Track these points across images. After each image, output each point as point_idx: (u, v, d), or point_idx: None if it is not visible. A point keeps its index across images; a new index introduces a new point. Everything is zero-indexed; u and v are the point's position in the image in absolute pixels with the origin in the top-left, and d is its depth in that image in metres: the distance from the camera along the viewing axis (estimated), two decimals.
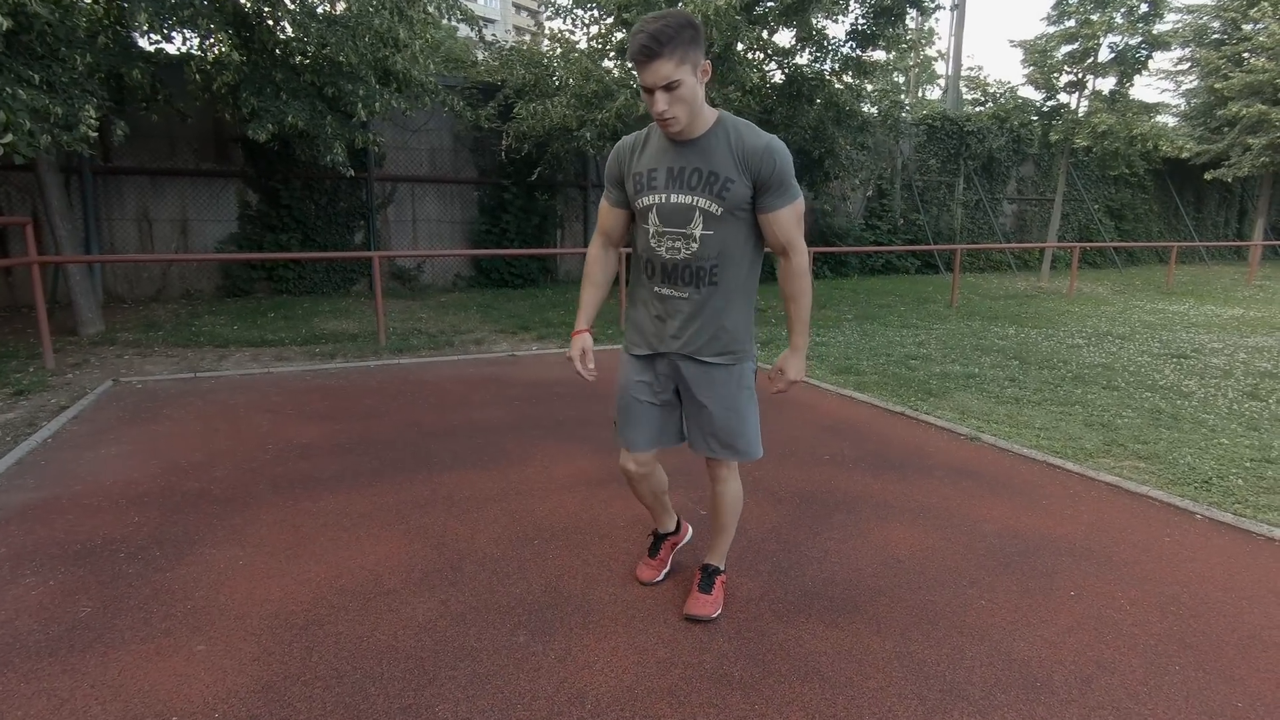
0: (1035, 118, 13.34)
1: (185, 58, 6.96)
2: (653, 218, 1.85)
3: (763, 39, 8.02)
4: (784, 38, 8.52)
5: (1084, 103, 12.60)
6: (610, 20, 8.19)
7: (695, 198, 1.79)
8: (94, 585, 2.27)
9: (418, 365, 5.73)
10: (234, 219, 9.21)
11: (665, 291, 1.91)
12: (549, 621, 2.11)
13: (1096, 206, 17.06)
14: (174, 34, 6.18)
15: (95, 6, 6.45)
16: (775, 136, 1.80)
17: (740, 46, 7.79)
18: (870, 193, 14.17)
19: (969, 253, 14.92)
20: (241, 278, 9.19)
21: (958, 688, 1.84)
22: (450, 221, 10.60)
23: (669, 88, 1.65)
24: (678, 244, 1.84)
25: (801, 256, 1.88)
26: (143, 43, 6.71)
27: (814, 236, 13.47)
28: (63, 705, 1.72)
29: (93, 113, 5.16)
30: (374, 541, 2.60)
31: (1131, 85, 12.39)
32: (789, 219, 1.83)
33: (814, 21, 7.85)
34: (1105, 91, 12.47)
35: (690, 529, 2.56)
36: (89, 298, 6.70)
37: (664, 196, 1.82)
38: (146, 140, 8.53)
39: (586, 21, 8.55)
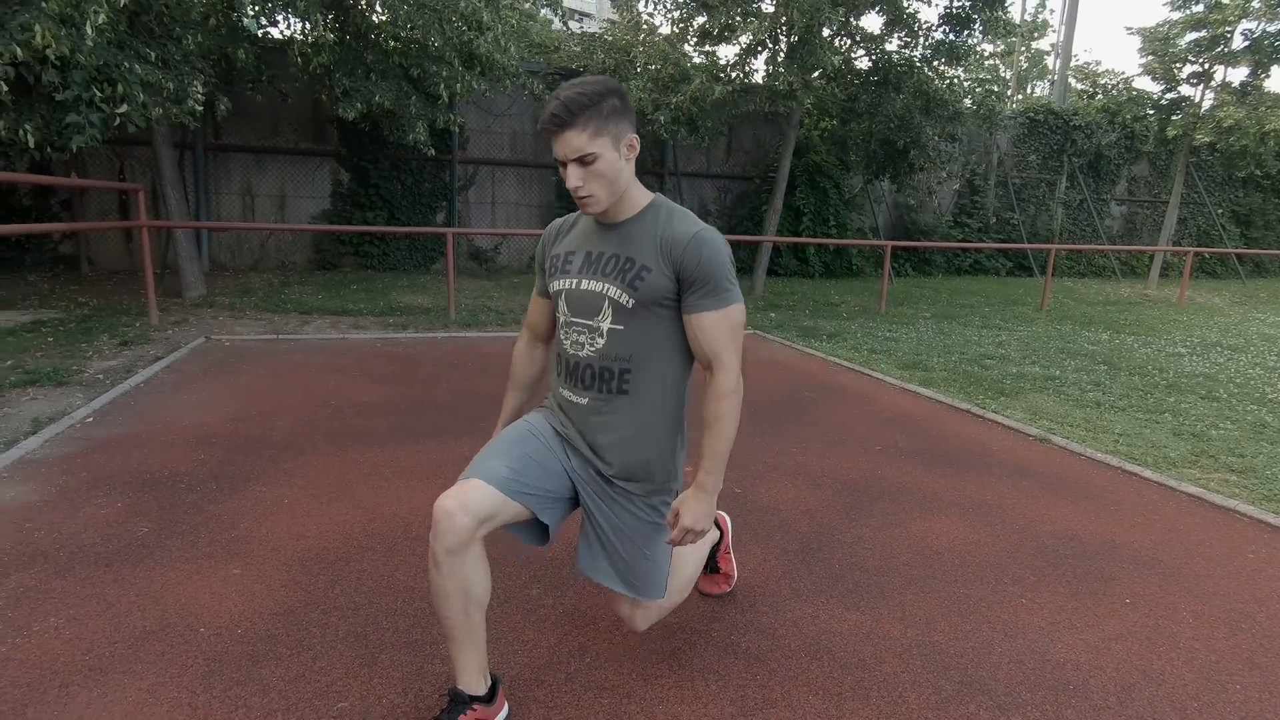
0: (1151, 111, 12.32)
1: (288, 41, 7.39)
2: (562, 305, 1.58)
3: (848, 22, 7.75)
4: (872, 22, 8.22)
5: (1209, 95, 11.54)
6: (692, 4, 8.11)
7: (607, 285, 1.51)
8: (155, 510, 2.44)
9: (483, 339, 5.88)
10: (327, 196, 9.72)
11: (564, 393, 1.60)
12: (564, 579, 2.12)
13: (1220, 211, 15.63)
14: (277, 16, 6.56)
15: None
16: (711, 228, 1.49)
17: (825, 31, 7.56)
18: (960, 187, 13.49)
19: (1068, 256, 14.00)
20: (330, 252, 9.70)
21: (979, 681, 1.73)
22: (528, 205, 10.82)
23: (582, 161, 1.41)
24: (582, 337, 1.55)
25: (729, 375, 1.49)
26: (248, 24, 7.16)
27: (896, 231, 12.97)
28: (109, 609, 1.86)
29: (200, 88, 5.55)
30: (410, 492, 2.69)
31: (1268, 76, 11.26)
32: (718, 327, 1.47)
33: (904, 4, 7.51)
34: (1235, 83, 11.38)
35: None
36: (193, 264, 7.24)
37: (575, 282, 1.55)
38: (251, 119, 9.12)
39: (669, 7, 8.52)
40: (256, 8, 6.23)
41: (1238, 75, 11.51)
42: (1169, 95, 11.94)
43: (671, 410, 1.58)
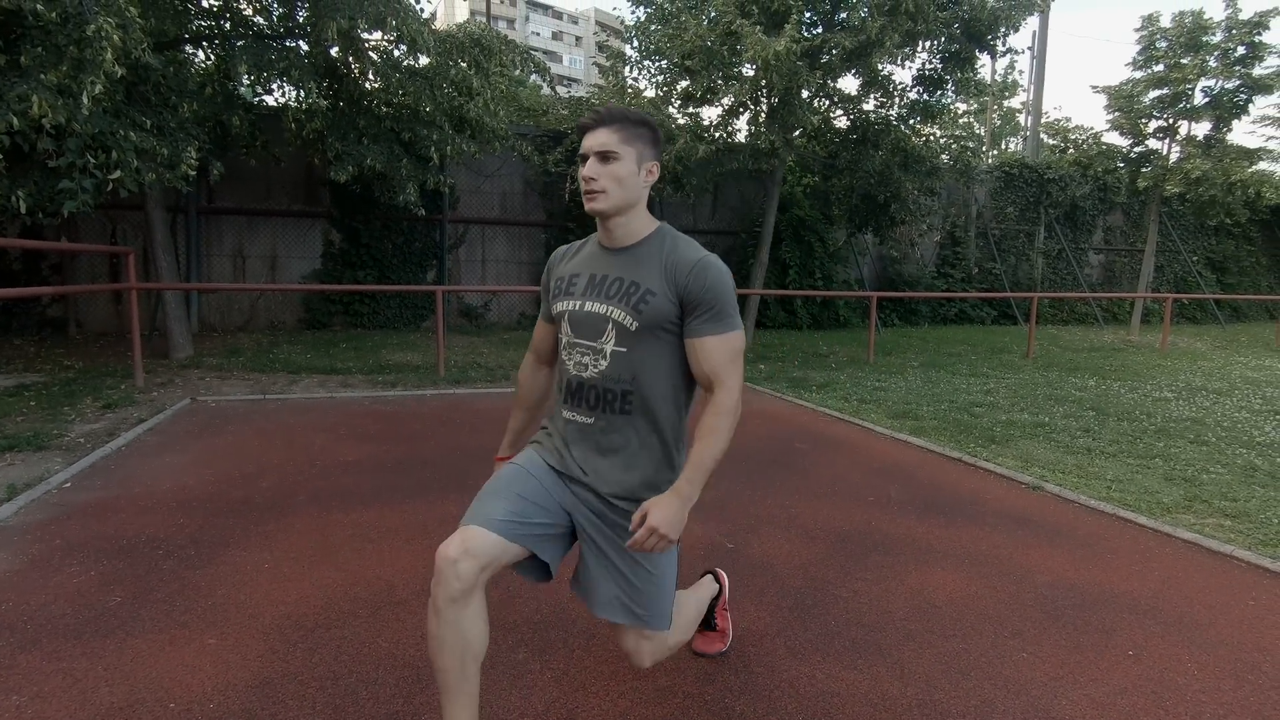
0: (1121, 164, 12.75)
1: (282, 108, 7.59)
2: (565, 326, 1.60)
3: (826, 85, 8.05)
4: (849, 84, 8.56)
5: (1175, 149, 11.98)
6: (675, 69, 8.42)
7: (610, 308, 1.53)
8: (129, 578, 2.37)
9: (471, 395, 5.86)
10: (318, 256, 9.81)
11: (567, 414, 1.61)
12: (551, 641, 2.05)
13: (1195, 258, 16.03)
14: (272, 85, 6.74)
15: (206, 62, 7.16)
16: (715, 256, 1.54)
17: (804, 93, 7.85)
18: (941, 239, 13.79)
19: (1051, 304, 14.23)
20: (320, 311, 9.72)
21: None
22: (518, 262, 10.95)
23: (604, 156, 1.48)
24: (585, 359, 1.57)
25: (731, 396, 1.50)
26: (245, 94, 7.35)
27: (881, 283, 13.17)
28: (74, 684, 1.78)
29: (193, 154, 5.66)
30: (395, 554, 2.62)
31: (1229, 130, 11.71)
32: (719, 352, 1.50)
33: (879, 66, 7.83)
34: (1200, 136, 11.83)
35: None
36: (182, 325, 7.23)
37: (579, 304, 1.58)
38: (245, 182, 9.26)
39: (653, 72, 8.84)
40: (252, 77, 6.41)
41: (1201, 129, 11.92)
42: (1137, 149, 12.37)
43: (671, 432, 1.59)
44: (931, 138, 9.68)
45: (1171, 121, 11.80)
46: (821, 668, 1.96)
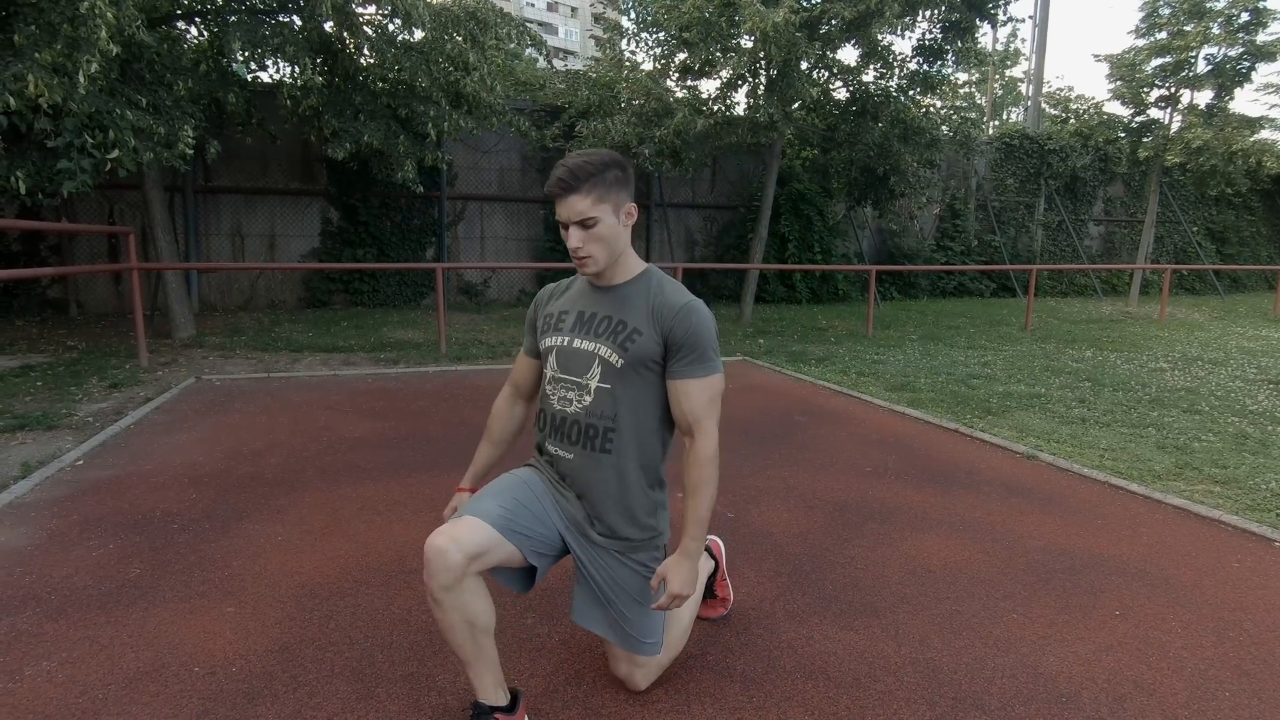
0: (1122, 134, 12.66)
1: (278, 84, 7.53)
2: (551, 361, 1.65)
3: (825, 56, 7.98)
4: (848, 54, 8.47)
5: (1177, 118, 11.89)
6: (673, 41, 8.33)
7: (598, 345, 1.59)
8: (147, 551, 2.44)
9: (473, 372, 5.91)
10: (317, 235, 9.80)
11: (551, 448, 1.66)
12: (559, 607, 2.12)
13: (1195, 229, 15.98)
14: (266, 61, 6.68)
15: (199, 39, 7.09)
16: (700, 301, 1.59)
17: (803, 64, 7.78)
18: (941, 212, 13.75)
19: (1050, 276, 14.23)
20: (320, 290, 9.74)
21: (973, 696, 1.74)
22: (517, 239, 10.93)
23: (584, 224, 1.52)
24: (570, 394, 1.62)
25: (709, 441, 1.57)
26: (239, 71, 7.28)
27: (881, 256, 13.16)
28: (101, 650, 1.85)
29: (190, 132, 5.63)
30: (404, 526, 2.69)
31: (1231, 99, 11.62)
32: (700, 394, 1.56)
33: (878, 37, 7.75)
34: (1201, 106, 11.74)
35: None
36: (183, 305, 7.25)
37: (566, 340, 1.63)
38: (241, 161, 9.21)
39: (651, 45, 8.74)
40: (246, 53, 6.35)
41: (1203, 98, 11.82)
42: (1138, 119, 12.28)
43: (652, 468, 1.65)
44: (932, 109, 9.61)
45: (1173, 90, 11.70)
46: (819, 629, 2.03)
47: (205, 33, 7.05)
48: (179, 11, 6.67)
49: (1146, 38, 11.65)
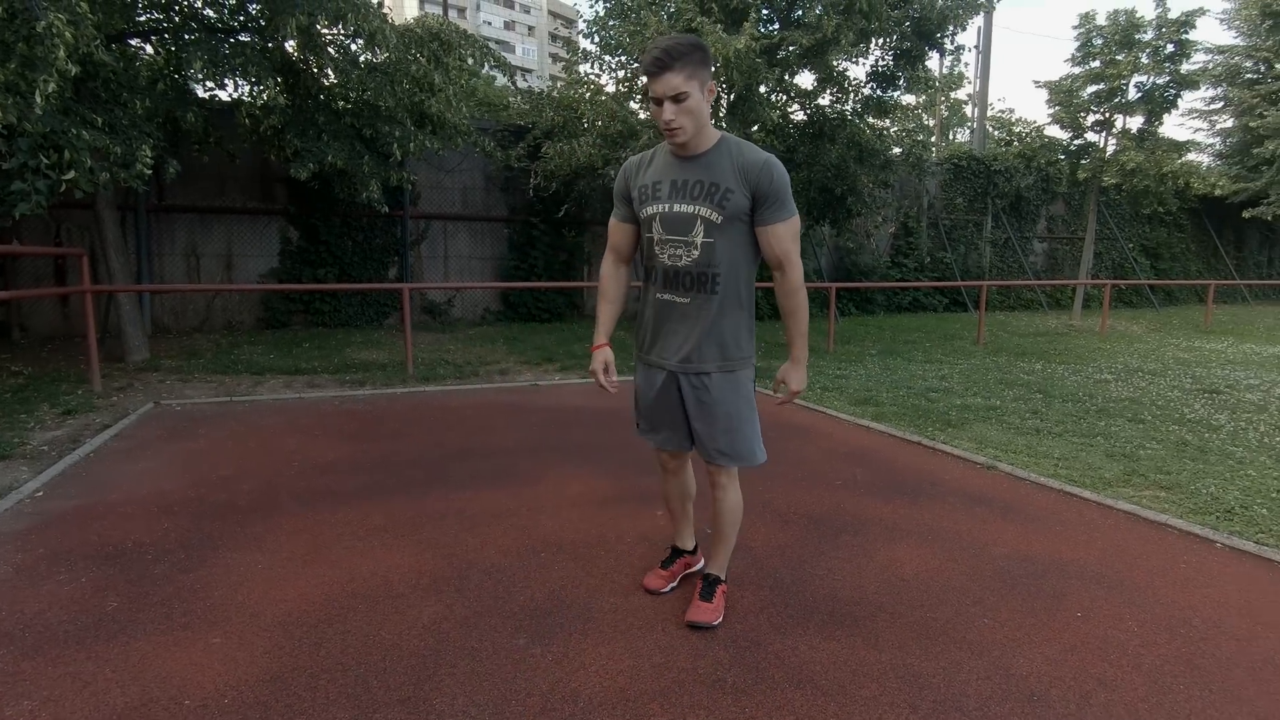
0: (1062, 156, 13.32)
1: (236, 103, 7.41)
2: (656, 226, 1.94)
3: (784, 80, 8.23)
4: (806, 79, 8.75)
5: (1112, 141, 12.58)
6: (636, 64, 8.49)
7: (697, 207, 1.88)
8: (122, 583, 2.38)
9: (442, 393, 5.88)
10: (276, 254, 9.62)
11: (666, 296, 2.00)
12: (549, 627, 2.15)
13: (1131, 245, 16.83)
14: (226, 80, 6.59)
15: (156, 57, 6.95)
16: (775, 158, 1.88)
17: (762, 89, 8.01)
18: (895, 230, 14.21)
19: (999, 291, 14.80)
20: (280, 310, 9.55)
21: (952, 699, 1.83)
22: (481, 258, 10.91)
23: (677, 99, 1.76)
24: (679, 251, 1.92)
25: (797, 272, 1.94)
26: (198, 89, 7.16)
27: (839, 273, 13.51)
28: (85, 687, 1.82)
29: (149, 152, 5.52)
30: (387, 551, 2.68)
31: (1160, 124, 12.35)
32: (785, 233, 1.91)
33: (834, 63, 8.04)
34: (1134, 130, 12.44)
35: (704, 561, 2.43)
36: (137, 327, 7.04)
37: (667, 206, 1.91)
38: (197, 180, 9.01)
39: (614, 66, 8.89)
40: (206, 72, 6.25)
41: (1135, 123, 12.54)
42: (1076, 142, 12.96)
43: (747, 302, 2.03)
44: (885, 132, 9.97)
45: (1108, 115, 12.39)
46: (803, 640, 2.11)
47: (161, 51, 6.93)
48: (132, 29, 6.54)
49: (1082, 66, 12.33)
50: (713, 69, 1.88)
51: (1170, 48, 11.68)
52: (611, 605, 2.29)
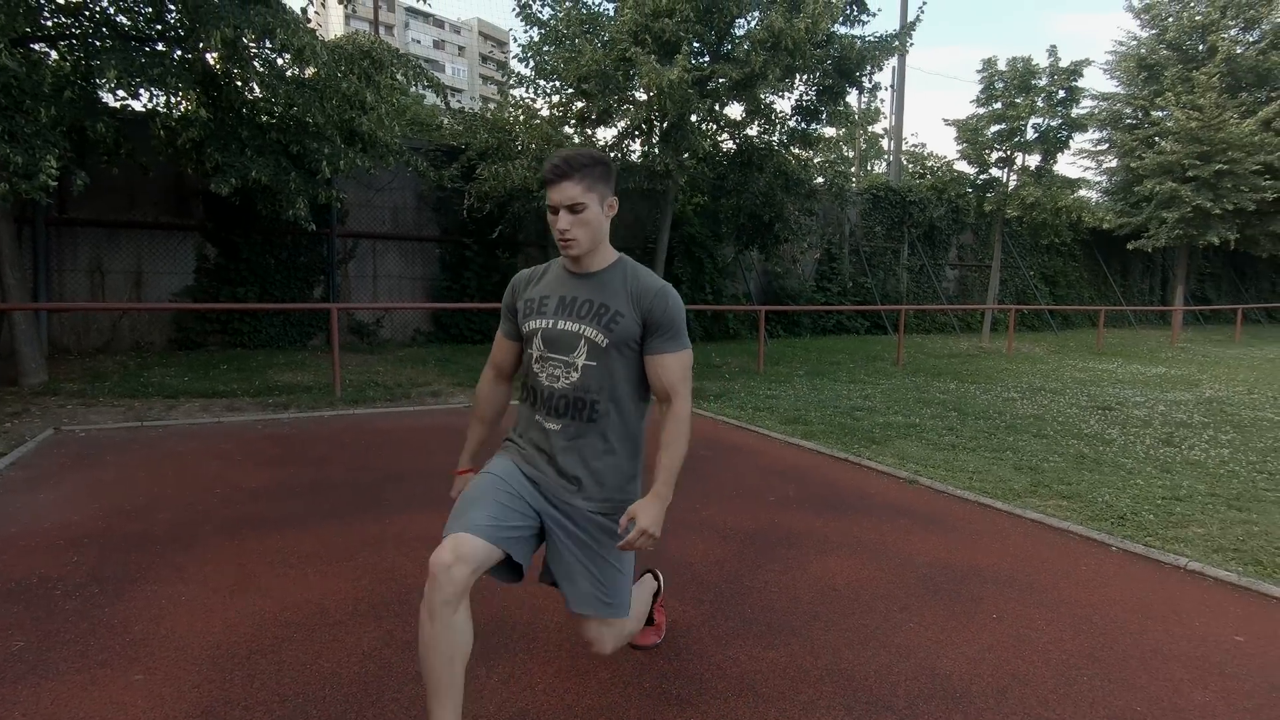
0: (970, 190, 14.26)
1: (150, 114, 7.08)
2: (537, 342, 1.78)
3: (715, 111, 8.53)
4: (735, 110, 9.09)
5: (1013, 177, 13.56)
6: (571, 90, 8.62)
7: (583, 326, 1.74)
8: (28, 621, 2.23)
9: (373, 415, 5.73)
10: (191, 272, 9.16)
11: (538, 419, 1.80)
12: (495, 648, 2.15)
13: (1032, 273, 18.08)
14: (141, 91, 6.31)
15: (63, 63, 6.58)
16: (671, 285, 1.79)
17: (694, 118, 8.28)
18: (820, 256, 14.81)
19: (915, 314, 15.60)
20: (194, 330, 9.08)
21: (883, 699, 1.94)
22: (411, 278, 10.71)
23: (573, 209, 1.67)
24: (558, 371, 1.76)
25: (685, 404, 1.76)
26: (108, 98, 6.82)
27: (767, 296, 13.95)
28: None
29: (53, 163, 5.21)
30: (321, 577, 2.61)
31: (1055, 162, 13.40)
32: (675, 366, 1.76)
33: (762, 97, 8.40)
34: (1032, 167, 13.46)
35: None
36: (33, 347, 6.56)
37: (551, 322, 1.77)
38: (104, 192, 8.49)
39: (549, 91, 8.99)
40: (118, 81, 5.96)
41: (1033, 160, 13.58)
42: (982, 176, 13.91)
43: (632, 438, 1.83)
44: (809, 162, 10.44)
45: (1009, 153, 13.36)
46: (744, 650, 2.18)
47: (68, 57, 6.57)
48: (37, 33, 6.19)
49: (986, 107, 13.28)
50: (613, 186, 1.75)
51: (1062, 93, 12.75)
52: (557, 624, 2.30)
